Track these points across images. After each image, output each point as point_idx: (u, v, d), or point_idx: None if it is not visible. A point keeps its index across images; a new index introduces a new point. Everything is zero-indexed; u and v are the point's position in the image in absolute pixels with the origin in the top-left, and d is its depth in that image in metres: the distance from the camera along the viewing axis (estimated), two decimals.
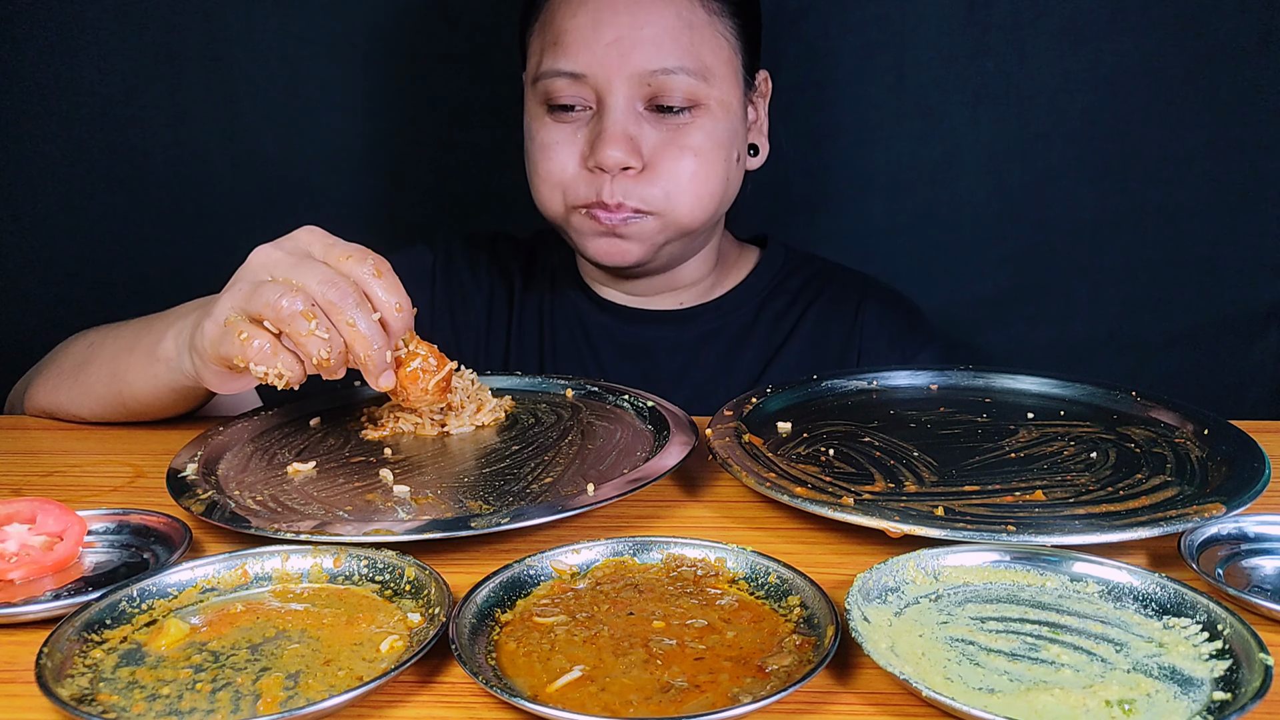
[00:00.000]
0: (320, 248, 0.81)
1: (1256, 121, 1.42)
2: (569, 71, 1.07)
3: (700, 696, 0.54)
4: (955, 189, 1.49)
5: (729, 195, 1.15)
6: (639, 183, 1.07)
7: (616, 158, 1.06)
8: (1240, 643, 0.56)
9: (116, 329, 1.03)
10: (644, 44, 1.06)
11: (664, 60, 1.06)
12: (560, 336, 1.24)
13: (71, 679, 0.56)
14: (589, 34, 1.06)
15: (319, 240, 0.82)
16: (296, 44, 1.49)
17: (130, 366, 0.96)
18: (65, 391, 1.03)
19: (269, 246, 0.82)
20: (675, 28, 1.07)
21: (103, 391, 0.99)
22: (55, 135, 1.51)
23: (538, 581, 0.65)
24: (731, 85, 1.12)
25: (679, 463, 0.81)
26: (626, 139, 1.06)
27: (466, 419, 0.94)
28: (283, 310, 0.76)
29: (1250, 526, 0.71)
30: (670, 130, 1.08)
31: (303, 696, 0.54)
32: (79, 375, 1.02)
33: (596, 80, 1.07)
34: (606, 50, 1.06)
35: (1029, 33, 1.42)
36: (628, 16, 1.06)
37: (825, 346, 1.22)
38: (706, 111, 1.09)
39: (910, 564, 0.64)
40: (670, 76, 1.06)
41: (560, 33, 1.08)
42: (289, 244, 0.82)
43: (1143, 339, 1.50)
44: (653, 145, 1.08)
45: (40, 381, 1.07)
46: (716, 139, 1.10)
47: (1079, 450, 0.84)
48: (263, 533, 0.70)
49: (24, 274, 1.56)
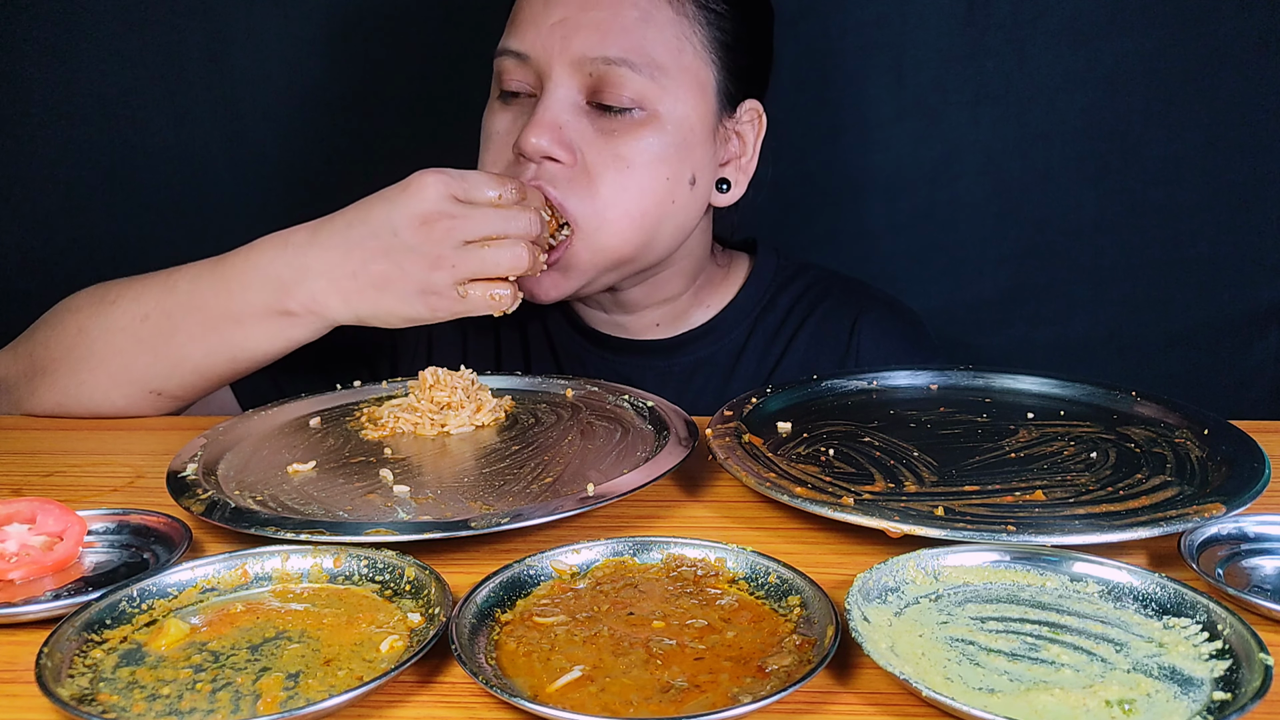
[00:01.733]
0: (461, 191, 0.91)
1: (1256, 121, 1.42)
2: (515, 50, 1.02)
3: (700, 696, 0.54)
4: (955, 189, 1.49)
5: (676, 224, 1.05)
6: (568, 181, 1.00)
7: (537, 145, 0.98)
8: (1240, 643, 0.56)
9: (170, 295, 0.99)
10: (589, 27, 0.98)
11: (607, 48, 0.98)
12: (545, 367, 1.20)
13: (71, 679, 0.56)
14: (539, 13, 1.01)
15: (453, 186, 0.91)
16: (296, 44, 1.49)
17: (249, 335, 0.97)
18: (143, 369, 0.99)
19: (430, 197, 0.91)
20: (629, 17, 0.99)
21: (205, 362, 0.99)
22: (55, 135, 1.51)
23: (538, 581, 0.65)
24: (693, 99, 1.02)
25: (679, 463, 0.81)
26: (554, 127, 0.99)
27: (466, 419, 0.94)
28: (504, 261, 0.91)
29: (1250, 526, 0.71)
30: (608, 131, 1.00)
31: (303, 696, 0.54)
32: (158, 351, 0.98)
33: (539, 62, 1.01)
34: (550, 31, 1.00)
35: (1028, 33, 1.42)
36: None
37: (820, 368, 1.14)
38: (652, 119, 1.00)
39: (910, 564, 0.64)
40: (613, 68, 0.98)
41: (517, 11, 1.04)
42: (438, 199, 0.90)
43: (1143, 339, 1.50)
44: (586, 143, 1.00)
45: (65, 373, 1.01)
46: (659, 153, 1.01)
47: (1079, 450, 0.84)
48: (263, 533, 0.70)
49: (24, 274, 1.56)
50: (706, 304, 1.20)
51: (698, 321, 1.19)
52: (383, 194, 0.94)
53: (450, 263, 0.91)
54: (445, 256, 0.91)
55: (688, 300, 1.18)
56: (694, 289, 1.18)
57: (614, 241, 1.02)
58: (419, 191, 0.91)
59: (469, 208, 0.91)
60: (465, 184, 0.91)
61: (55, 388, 1.02)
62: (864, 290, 1.23)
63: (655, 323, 1.18)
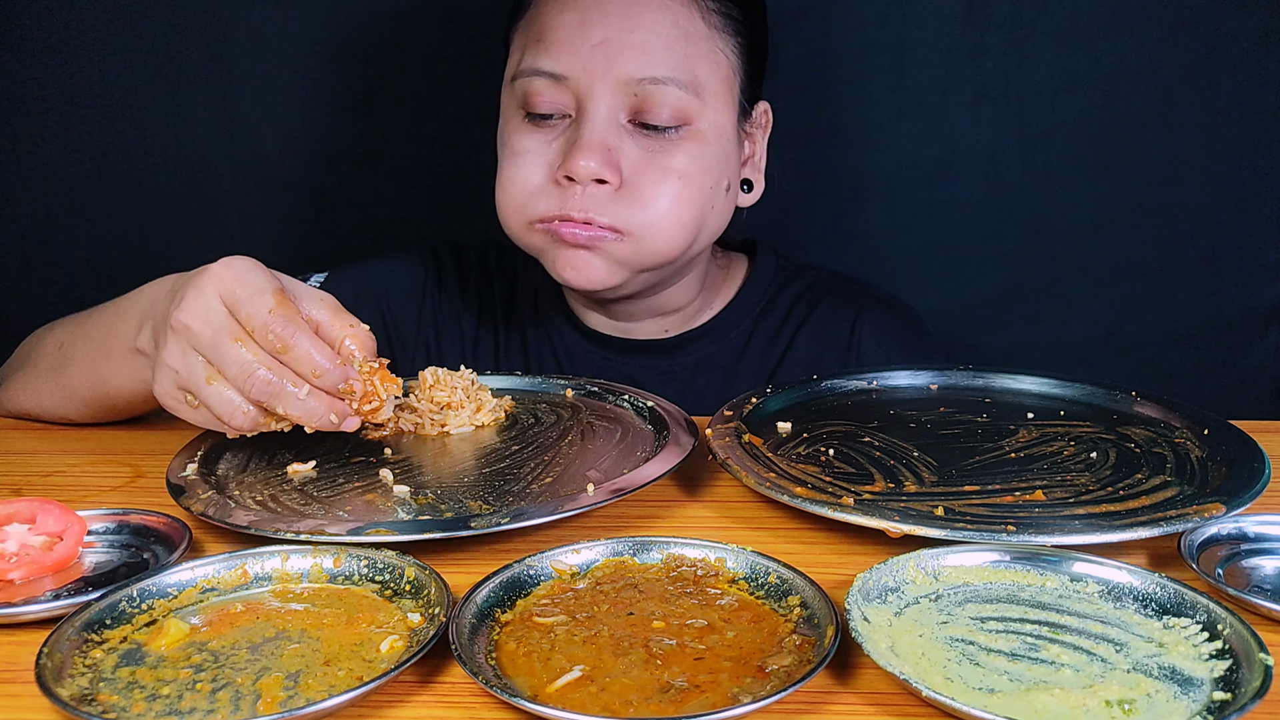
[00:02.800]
0: (242, 312, 0.76)
1: (1256, 121, 1.42)
2: (549, 71, 1.00)
3: (700, 696, 0.54)
4: (954, 189, 1.49)
5: (712, 228, 1.07)
6: (613, 201, 0.99)
7: (590, 168, 0.97)
8: (1240, 643, 0.56)
9: (82, 325, 0.99)
10: (633, 49, 0.98)
11: (654, 68, 0.98)
12: (546, 367, 1.20)
13: (71, 679, 0.56)
14: (575, 33, 0.99)
15: (235, 300, 0.76)
16: (296, 44, 1.49)
17: (114, 371, 0.92)
18: (49, 395, 1.01)
19: (188, 309, 0.76)
20: (670, 35, 0.99)
21: (87, 395, 0.97)
22: (55, 135, 1.51)
23: (538, 581, 0.65)
24: (726, 109, 1.04)
25: (679, 463, 0.81)
26: (603, 149, 0.98)
27: (466, 419, 0.94)
28: (214, 405, 0.77)
29: (1250, 526, 0.71)
30: (654, 149, 1.00)
31: (303, 696, 0.54)
32: (59, 379, 0.99)
33: (578, 84, 0.99)
34: (592, 52, 0.98)
35: (1028, 33, 1.42)
36: (619, 19, 0.98)
37: (822, 367, 1.15)
38: (696, 134, 1.01)
39: (910, 564, 0.65)
40: (659, 87, 0.98)
41: (545, 29, 1.00)
42: (202, 308, 0.76)
43: (1143, 339, 1.50)
44: (633, 163, 0.99)
45: (18, 383, 1.04)
46: (704, 164, 1.02)
47: (1079, 450, 0.84)
48: (263, 533, 0.70)
49: (24, 274, 1.56)
50: (708, 305, 1.20)
51: (698, 321, 1.19)
52: (205, 268, 0.79)
53: (175, 370, 0.79)
54: (181, 362, 0.78)
55: (696, 306, 1.19)
56: (701, 296, 1.19)
57: (665, 248, 1.02)
58: (200, 287, 0.77)
59: (219, 336, 0.76)
60: (246, 304, 0.76)
61: (7, 392, 1.06)
62: (864, 289, 1.24)
63: (664, 329, 1.19)
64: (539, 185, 1.02)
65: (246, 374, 0.75)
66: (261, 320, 0.75)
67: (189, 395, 0.79)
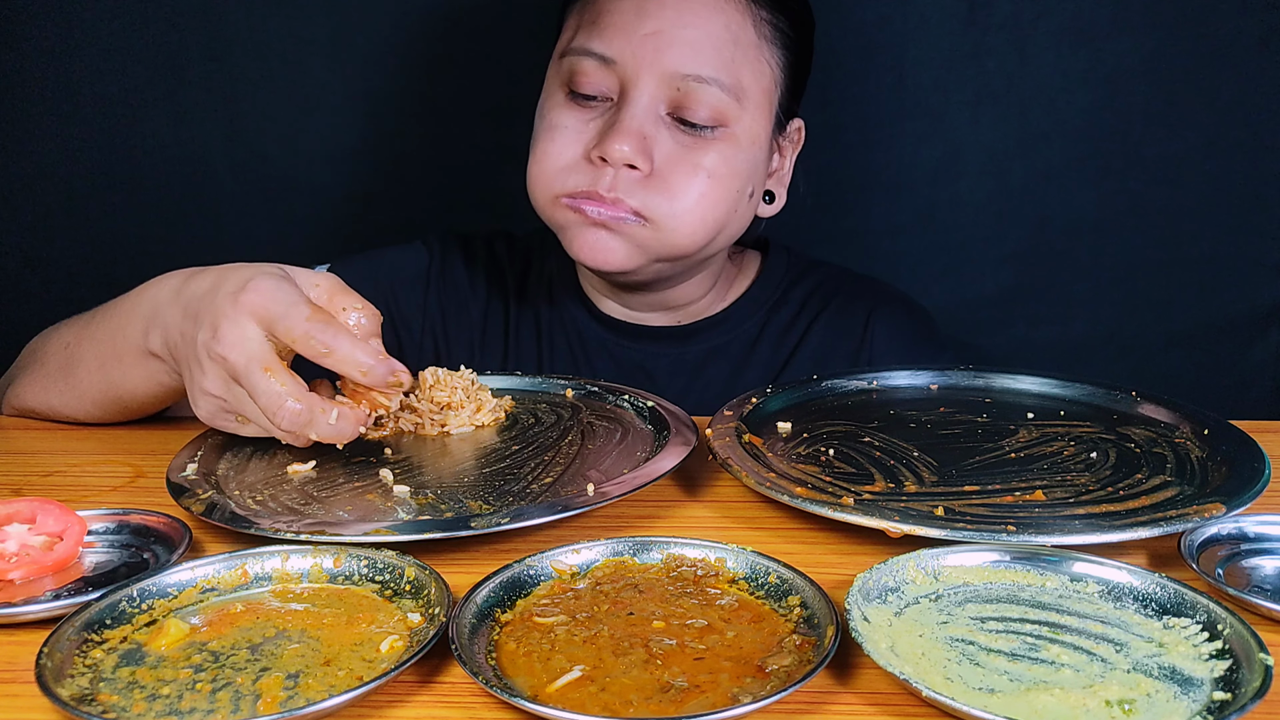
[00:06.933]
0: (280, 327, 0.77)
1: (1256, 121, 1.42)
2: (599, 54, 1.02)
3: (700, 696, 0.54)
4: (956, 189, 1.49)
5: (732, 230, 1.09)
6: (642, 188, 1.01)
7: (624, 152, 0.99)
8: (1240, 643, 0.56)
9: (86, 328, 0.99)
10: (683, 44, 1.00)
11: (700, 66, 1.00)
12: (558, 352, 1.21)
13: (71, 679, 0.56)
14: (630, 20, 1.01)
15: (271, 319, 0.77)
16: (296, 44, 1.49)
17: (126, 374, 0.93)
18: (58, 395, 1.01)
19: (225, 340, 0.77)
20: (720, 37, 1.01)
21: (99, 397, 0.98)
22: (55, 135, 1.51)
23: (538, 581, 0.65)
24: (763, 118, 1.06)
25: (679, 463, 0.81)
26: (640, 136, 1.00)
27: (466, 419, 0.94)
28: (245, 432, 0.83)
29: (1250, 526, 0.71)
30: (687, 145, 1.02)
31: (303, 696, 0.54)
32: (68, 380, 1.00)
33: (625, 69, 1.01)
34: (643, 41, 1.00)
35: (1029, 33, 1.42)
36: (673, 13, 1.00)
37: (833, 360, 1.17)
38: (730, 136, 1.03)
39: (910, 564, 0.64)
40: (702, 86, 1.00)
41: (600, 13, 1.03)
42: (239, 337, 0.76)
43: (1143, 339, 1.50)
44: (665, 155, 1.02)
45: (25, 384, 1.04)
46: (734, 167, 1.04)
47: (1079, 450, 0.84)
48: (263, 533, 0.70)
49: (24, 274, 1.56)
50: (721, 298, 1.22)
51: (711, 312, 1.21)
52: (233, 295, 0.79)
53: (220, 399, 0.81)
54: (223, 391, 0.80)
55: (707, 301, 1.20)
56: (714, 291, 1.20)
57: (685, 241, 1.04)
58: (234, 319, 0.77)
59: (250, 366, 0.77)
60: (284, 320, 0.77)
61: (15, 390, 1.07)
62: (877, 286, 1.25)
63: (676, 319, 1.20)
64: (571, 161, 1.04)
65: (276, 406, 0.77)
66: (302, 330, 0.77)
67: (238, 416, 0.82)
